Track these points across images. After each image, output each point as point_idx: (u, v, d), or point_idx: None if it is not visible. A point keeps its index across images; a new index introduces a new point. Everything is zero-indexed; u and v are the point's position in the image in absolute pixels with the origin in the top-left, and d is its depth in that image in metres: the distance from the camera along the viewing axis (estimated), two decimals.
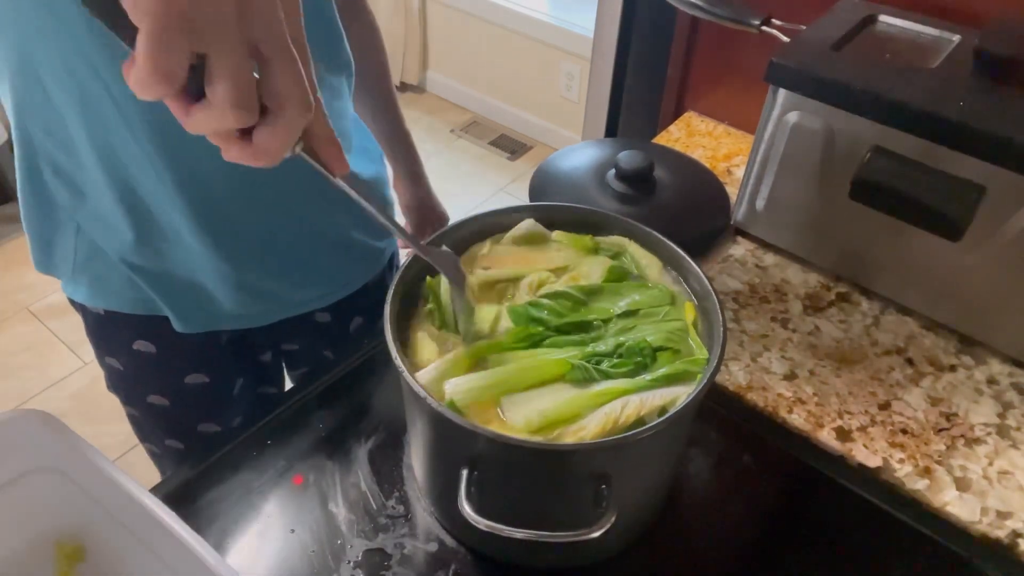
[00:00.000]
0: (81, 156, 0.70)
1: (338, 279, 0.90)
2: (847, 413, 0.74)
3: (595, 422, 0.54)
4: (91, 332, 0.88)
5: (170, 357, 0.87)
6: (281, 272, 0.83)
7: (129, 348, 0.86)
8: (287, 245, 0.82)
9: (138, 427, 0.95)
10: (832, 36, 0.81)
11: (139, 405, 0.91)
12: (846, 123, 0.77)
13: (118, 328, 0.85)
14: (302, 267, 0.85)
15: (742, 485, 0.71)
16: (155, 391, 0.89)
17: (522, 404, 0.55)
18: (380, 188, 0.94)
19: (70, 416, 1.92)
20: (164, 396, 0.89)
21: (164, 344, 0.85)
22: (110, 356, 0.88)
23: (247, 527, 0.65)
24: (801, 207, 0.86)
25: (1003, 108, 0.70)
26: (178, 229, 0.74)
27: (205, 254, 0.76)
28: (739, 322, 0.83)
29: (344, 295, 0.92)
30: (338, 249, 0.88)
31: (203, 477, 0.68)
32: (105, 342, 0.88)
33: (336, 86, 0.80)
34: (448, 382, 0.56)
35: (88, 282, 0.82)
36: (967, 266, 0.76)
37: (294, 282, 0.85)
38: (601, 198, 0.89)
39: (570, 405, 0.55)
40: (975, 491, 0.68)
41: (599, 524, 0.50)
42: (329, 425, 0.73)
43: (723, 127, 1.14)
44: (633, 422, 0.54)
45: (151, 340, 0.85)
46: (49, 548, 0.60)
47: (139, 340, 0.85)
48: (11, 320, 2.22)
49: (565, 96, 2.96)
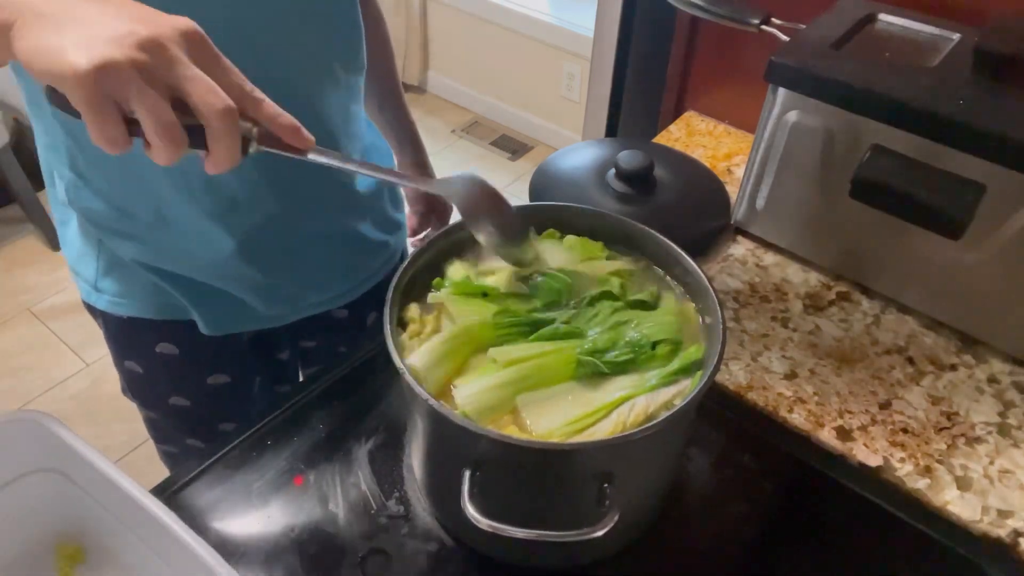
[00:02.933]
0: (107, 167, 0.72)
1: (356, 276, 0.92)
2: (847, 412, 0.74)
3: (606, 427, 0.54)
4: (111, 337, 0.89)
5: (193, 358, 0.88)
6: (304, 274, 0.85)
7: (152, 351, 0.87)
8: (309, 247, 0.83)
9: (156, 429, 0.95)
10: (832, 35, 0.80)
11: (160, 407, 0.91)
12: (846, 122, 0.77)
13: (141, 332, 0.86)
14: (323, 268, 0.86)
15: (742, 484, 0.70)
16: (177, 393, 0.90)
17: (544, 410, 0.55)
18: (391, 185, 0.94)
19: (71, 417, 1.92)
20: (186, 397, 0.90)
21: (187, 346, 0.86)
22: (130, 360, 0.88)
23: (248, 527, 0.65)
24: (801, 206, 0.85)
25: (1003, 106, 0.70)
26: (206, 236, 0.76)
27: (231, 259, 0.77)
28: (739, 321, 0.83)
29: (360, 293, 0.93)
30: (355, 247, 0.89)
31: (203, 478, 0.68)
32: (126, 347, 0.88)
33: (354, 88, 0.81)
34: (458, 390, 0.56)
35: (112, 291, 0.83)
36: (968, 265, 0.76)
37: (316, 283, 0.87)
38: (601, 198, 0.89)
39: (589, 409, 0.55)
40: (976, 490, 0.68)
41: (602, 523, 0.50)
42: (329, 425, 0.73)
43: (723, 126, 1.14)
44: (642, 421, 0.54)
45: (174, 343, 0.86)
46: (50, 548, 0.60)
47: (162, 343, 0.86)
48: (13, 321, 2.22)
49: (566, 96, 2.95)
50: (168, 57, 0.43)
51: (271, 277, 0.82)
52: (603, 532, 0.50)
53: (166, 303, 0.82)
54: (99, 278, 0.82)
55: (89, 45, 0.41)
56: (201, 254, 0.78)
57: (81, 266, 0.83)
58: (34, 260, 2.40)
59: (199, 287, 0.80)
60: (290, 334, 0.96)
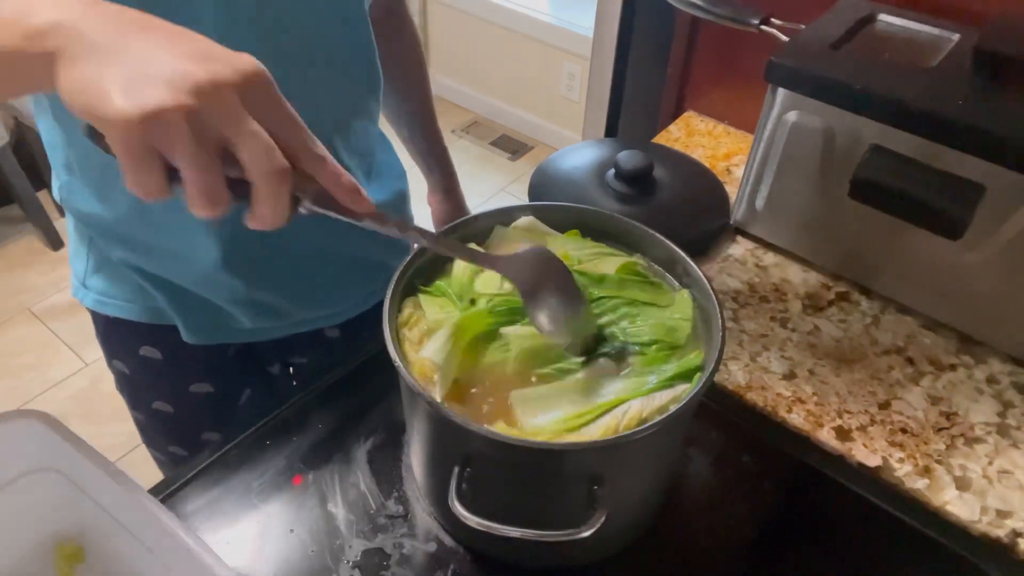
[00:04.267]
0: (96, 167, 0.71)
1: (350, 298, 0.89)
2: (847, 412, 0.74)
3: (597, 429, 0.54)
4: (100, 335, 0.89)
5: (176, 365, 0.87)
6: (293, 291, 0.83)
7: (136, 353, 0.86)
8: (299, 263, 0.81)
9: (143, 431, 0.95)
10: (831, 35, 0.80)
11: (144, 410, 0.91)
12: (846, 122, 0.77)
13: (125, 334, 0.86)
14: (314, 287, 0.84)
15: (741, 485, 0.70)
16: (160, 397, 0.89)
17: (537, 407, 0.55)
18: (401, 205, 0.91)
19: (71, 417, 1.92)
20: (168, 403, 0.89)
21: (170, 352, 0.86)
22: (117, 360, 0.88)
23: (246, 527, 0.65)
24: (801, 206, 0.85)
25: (1003, 107, 0.70)
26: (193, 244, 0.74)
27: (218, 270, 0.76)
28: (738, 321, 0.83)
29: (355, 314, 0.91)
30: (351, 268, 0.87)
31: (203, 477, 0.69)
32: (113, 346, 0.88)
33: (372, 109, 0.80)
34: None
35: (98, 289, 0.83)
36: (967, 265, 0.76)
37: (306, 300, 0.85)
38: (601, 198, 0.89)
39: (583, 409, 0.55)
40: (975, 490, 0.68)
41: (588, 524, 0.50)
42: (328, 425, 0.73)
43: (723, 127, 1.14)
44: (635, 424, 0.54)
45: (158, 347, 0.85)
46: (49, 549, 0.60)
47: (145, 346, 0.85)
48: (13, 321, 2.22)
49: (565, 96, 2.96)
50: (224, 106, 0.38)
51: (256, 290, 0.79)
52: (589, 533, 0.49)
53: (150, 306, 0.81)
54: (88, 275, 0.82)
55: (138, 87, 0.36)
56: (186, 260, 0.76)
57: (74, 262, 0.83)
58: (34, 260, 2.40)
59: (183, 293, 0.79)
60: (279, 350, 0.94)
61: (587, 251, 0.66)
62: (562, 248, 0.66)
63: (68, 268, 0.87)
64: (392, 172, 0.90)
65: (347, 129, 0.76)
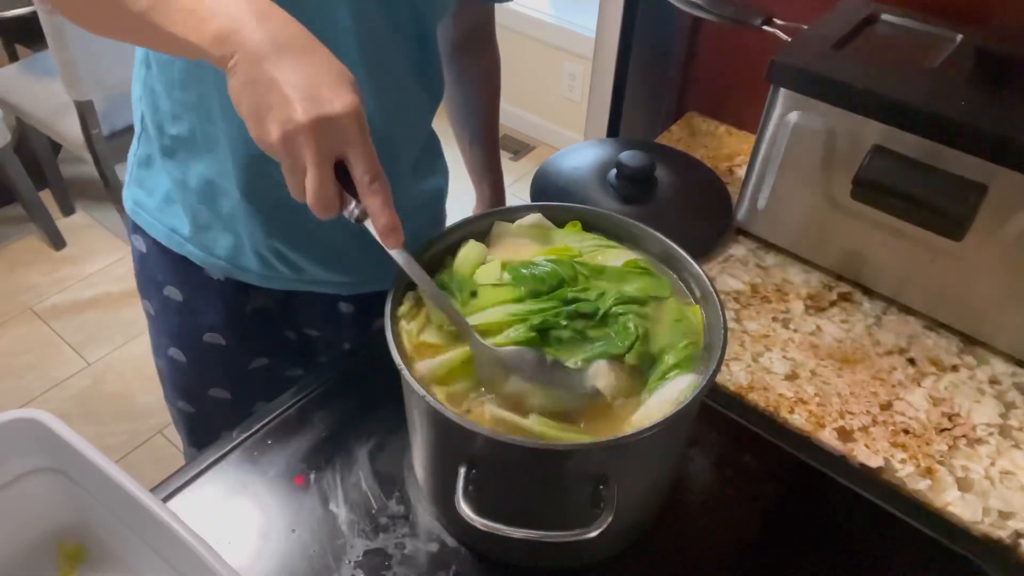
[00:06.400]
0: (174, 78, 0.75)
1: (361, 270, 0.91)
2: (848, 413, 0.74)
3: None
4: (136, 274, 0.93)
5: (193, 307, 0.89)
6: (309, 247, 0.84)
7: (160, 293, 0.90)
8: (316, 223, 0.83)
9: (162, 381, 0.99)
10: (833, 35, 0.80)
11: (162, 357, 0.95)
12: (847, 123, 0.77)
13: (154, 270, 0.89)
14: (327, 248, 0.86)
15: (743, 485, 0.70)
16: (173, 343, 0.92)
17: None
18: (438, 201, 0.96)
19: (72, 417, 1.92)
20: (182, 350, 0.92)
21: (189, 292, 0.88)
22: (146, 299, 0.93)
23: (248, 527, 0.65)
24: (803, 207, 0.85)
25: (1004, 107, 0.70)
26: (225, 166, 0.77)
27: (242, 205, 0.78)
28: (740, 322, 0.83)
29: (367, 290, 0.92)
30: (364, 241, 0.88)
31: (204, 477, 0.69)
32: (144, 284, 0.93)
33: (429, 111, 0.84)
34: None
35: (137, 189, 0.87)
36: (969, 265, 0.76)
37: (317, 259, 0.86)
38: (603, 198, 0.89)
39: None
40: (977, 491, 0.68)
41: (596, 524, 0.50)
42: (330, 425, 0.73)
43: (724, 127, 1.14)
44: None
45: (179, 287, 0.88)
46: (50, 548, 0.60)
47: (168, 286, 0.89)
48: (14, 321, 2.22)
49: (567, 96, 2.95)
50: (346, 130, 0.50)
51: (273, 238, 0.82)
52: (596, 533, 0.50)
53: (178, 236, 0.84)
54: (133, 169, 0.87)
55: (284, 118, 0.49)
56: (219, 182, 0.79)
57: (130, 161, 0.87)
58: (36, 260, 2.40)
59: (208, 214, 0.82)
60: (291, 313, 0.96)
61: (587, 243, 0.66)
62: (562, 241, 0.66)
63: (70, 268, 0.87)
64: (434, 169, 0.93)
65: (405, 123, 0.82)
